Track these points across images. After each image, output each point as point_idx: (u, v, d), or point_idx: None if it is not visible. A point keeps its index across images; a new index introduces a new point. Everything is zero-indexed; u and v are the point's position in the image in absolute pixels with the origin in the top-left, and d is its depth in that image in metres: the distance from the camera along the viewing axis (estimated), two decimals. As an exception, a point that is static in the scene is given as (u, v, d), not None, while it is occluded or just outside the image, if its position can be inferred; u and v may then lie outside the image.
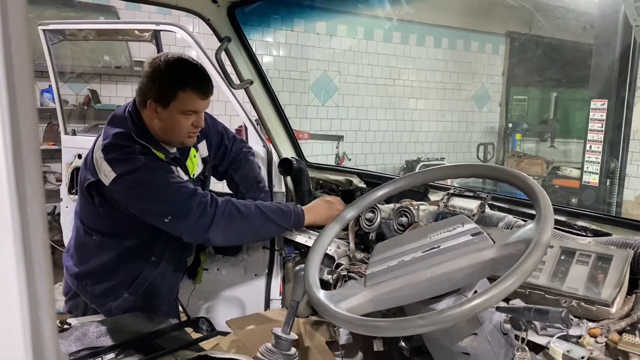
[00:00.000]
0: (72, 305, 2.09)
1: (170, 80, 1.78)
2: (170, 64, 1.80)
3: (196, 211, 1.76)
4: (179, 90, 1.77)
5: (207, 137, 2.15)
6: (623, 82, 4.35)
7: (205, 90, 1.82)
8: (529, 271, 0.91)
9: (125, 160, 1.78)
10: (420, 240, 1.13)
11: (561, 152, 7.41)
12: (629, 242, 1.28)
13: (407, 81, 7.70)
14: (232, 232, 1.83)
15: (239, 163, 2.27)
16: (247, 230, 1.86)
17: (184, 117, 1.81)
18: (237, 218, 1.82)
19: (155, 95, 1.79)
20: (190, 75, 1.80)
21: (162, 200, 1.78)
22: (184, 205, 1.77)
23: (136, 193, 1.79)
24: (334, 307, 1.01)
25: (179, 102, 1.79)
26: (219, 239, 1.84)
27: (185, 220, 1.77)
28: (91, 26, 3.20)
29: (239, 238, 1.97)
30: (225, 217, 1.80)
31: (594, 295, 1.19)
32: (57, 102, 2.96)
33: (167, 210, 1.78)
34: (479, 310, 0.90)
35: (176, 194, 1.79)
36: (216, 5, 2.15)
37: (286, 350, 1.35)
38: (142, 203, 1.80)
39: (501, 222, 1.55)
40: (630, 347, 1.08)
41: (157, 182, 1.79)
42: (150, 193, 1.78)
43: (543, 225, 0.95)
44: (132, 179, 1.76)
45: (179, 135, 1.86)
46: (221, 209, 1.80)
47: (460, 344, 1.09)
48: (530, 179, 1.07)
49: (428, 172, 1.32)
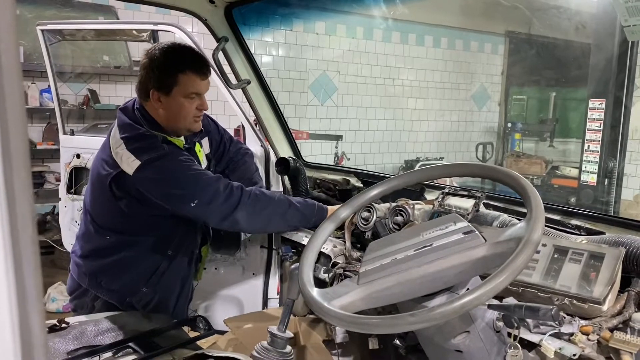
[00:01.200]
0: (77, 304, 2.09)
1: (169, 66, 1.80)
2: (166, 50, 1.82)
3: (223, 193, 1.80)
4: (179, 74, 1.79)
5: (209, 134, 2.18)
6: (621, 81, 4.36)
7: (205, 70, 1.85)
8: (519, 269, 0.92)
9: (150, 148, 1.80)
10: (413, 238, 1.14)
11: (560, 152, 7.41)
12: (621, 241, 1.29)
13: (407, 81, 7.71)
14: (258, 215, 1.86)
15: (236, 164, 2.28)
16: (272, 216, 1.89)
17: (188, 100, 1.84)
18: (263, 201, 1.86)
19: (157, 84, 1.81)
20: (188, 58, 1.83)
21: (189, 185, 1.81)
22: (210, 188, 1.80)
23: (162, 179, 1.81)
24: (327, 304, 1.02)
25: (181, 86, 1.81)
26: (244, 221, 1.86)
27: (212, 203, 1.80)
28: (89, 26, 3.21)
29: (265, 222, 1.96)
30: (252, 199, 1.84)
31: (586, 293, 1.20)
32: (56, 102, 2.98)
33: (194, 194, 1.79)
34: (469, 307, 0.90)
35: (202, 179, 1.82)
36: (213, 6, 2.16)
37: (282, 348, 1.36)
38: (168, 189, 1.81)
39: (496, 221, 1.56)
40: (621, 345, 1.09)
41: (182, 168, 1.82)
42: (177, 179, 1.81)
43: (534, 224, 0.96)
44: (158, 165, 1.79)
45: (186, 120, 1.88)
46: (247, 192, 1.84)
47: (452, 341, 1.10)
48: (522, 178, 1.08)
49: (422, 172, 1.32)
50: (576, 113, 7.23)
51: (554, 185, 6.52)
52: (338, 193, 2.34)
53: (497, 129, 8.48)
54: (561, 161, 7.10)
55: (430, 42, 7.86)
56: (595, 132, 4.45)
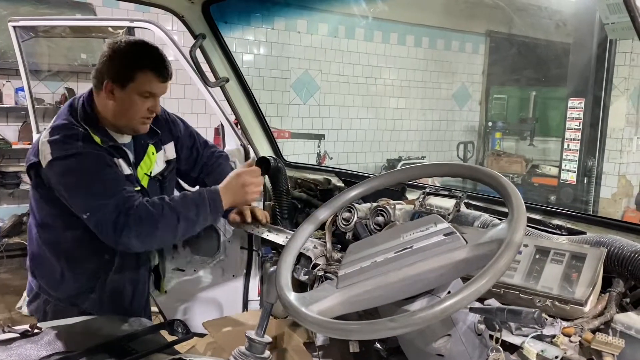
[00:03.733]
0: (32, 308, 2.03)
1: (129, 60, 1.76)
2: (131, 45, 1.78)
3: (112, 212, 1.69)
4: (138, 71, 1.75)
5: (178, 139, 2.11)
6: (600, 81, 4.41)
7: (165, 73, 1.79)
8: (501, 271, 0.90)
9: (65, 143, 1.74)
10: (393, 240, 1.11)
11: (540, 151, 7.50)
12: (603, 241, 1.28)
13: (388, 80, 7.74)
14: (146, 237, 1.75)
15: (210, 167, 2.21)
16: (162, 235, 1.77)
17: (140, 99, 1.78)
18: (148, 222, 1.73)
19: (113, 76, 1.76)
20: (150, 57, 1.78)
21: (83, 194, 1.73)
22: (100, 203, 1.70)
23: (63, 181, 1.74)
24: (305, 309, 0.99)
25: (137, 83, 1.76)
26: (134, 244, 1.75)
27: (101, 220, 1.70)
28: (64, 22, 3.14)
29: (157, 242, 1.88)
30: (137, 222, 1.71)
31: (567, 294, 1.18)
32: (29, 101, 2.91)
33: (86, 206, 1.72)
34: (451, 312, 0.88)
35: (98, 190, 1.72)
36: (190, 2, 2.12)
37: (260, 353, 1.33)
38: (67, 192, 1.75)
39: (477, 221, 1.55)
40: (603, 346, 1.08)
41: (84, 173, 1.73)
42: (75, 183, 1.74)
43: (515, 225, 0.94)
44: (64, 165, 1.73)
45: (133, 119, 1.82)
46: (134, 214, 1.71)
47: (434, 345, 1.08)
48: (503, 178, 1.06)
49: (402, 172, 1.30)
50: (556, 112, 7.32)
51: (534, 183, 6.60)
52: (319, 193, 2.32)
53: (478, 128, 8.55)
54: (541, 160, 7.19)
55: (412, 41, 7.89)
56: (574, 131, 4.50)
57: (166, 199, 1.80)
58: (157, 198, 1.81)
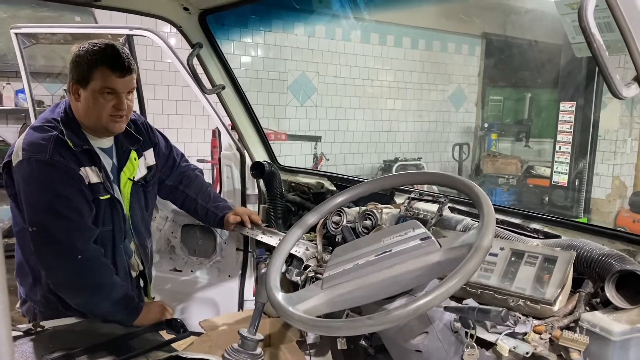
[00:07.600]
0: (24, 310, 2.05)
1: (87, 60, 1.80)
2: (91, 46, 1.82)
3: (56, 243, 1.75)
4: (94, 68, 1.79)
5: (156, 146, 2.15)
6: (591, 84, 4.48)
7: (121, 68, 1.81)
8: (470, 273, 0.98)
9: (37, 146, 1.76)
10: (375, 244, 1.19)
11: (535, 152, 7.57)
12: (574, 244, 1.36)
13: (385, 82, 7.79)
14: (71, 284, 1.81)
15: (189, 178, 2.27)
16: (84, 290, 1.82)
17: (102, 96, 1.80)
18: (83, 274, 1.78)
19: (76, 77, 1.82)
20: (105, 54, 1.81)
21: (39, 208, 1.77)
22: (50, 225, 1.75)
23: (23, 186, 1.77)
24: (291, 308, 1.07)
25: (95, 81, 1.79)
26: (59, 284, 1.82)
27: (44, 241, 1.74)
28: (64, 30, 3.21)
29: (80, 305, 1.89)
30: (76, 275, 1.78)
31: (539, 294, 1.26)
32: (30, 104, 2.97)
33: (36, 220, 1.76)
34: (423, 310, 0.96)
35: (53, 209, 1.75)
36: (187, 13, 2.20)
37: (252, 350, 1.41)
38: (24, 196, 1.78)
39: (459, 224, 1.62)
40: (570, 343, 1.16)
41: (47, 188, 1.76)
42: (34, 193, 1.77)
43: (485, 230, 1.02)
44: (30, 169, 1.75)
45: (100, 118, 1.83)
46: (75, 260, 1.76)
47: (412, 342, 1.16)
48: (476, 187, 1.14)
49: (385, 179, 1.39)
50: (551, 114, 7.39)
51: (529, 184, 6.67)
52: (312, 196, 2.39)
53: (473, 129, 8.61)
54: (536, 161, 7.25)
55: (408, 43, 7.95)
56: (566, 134, 4.58)
57: (111, 267, 1.87)
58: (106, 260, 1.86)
